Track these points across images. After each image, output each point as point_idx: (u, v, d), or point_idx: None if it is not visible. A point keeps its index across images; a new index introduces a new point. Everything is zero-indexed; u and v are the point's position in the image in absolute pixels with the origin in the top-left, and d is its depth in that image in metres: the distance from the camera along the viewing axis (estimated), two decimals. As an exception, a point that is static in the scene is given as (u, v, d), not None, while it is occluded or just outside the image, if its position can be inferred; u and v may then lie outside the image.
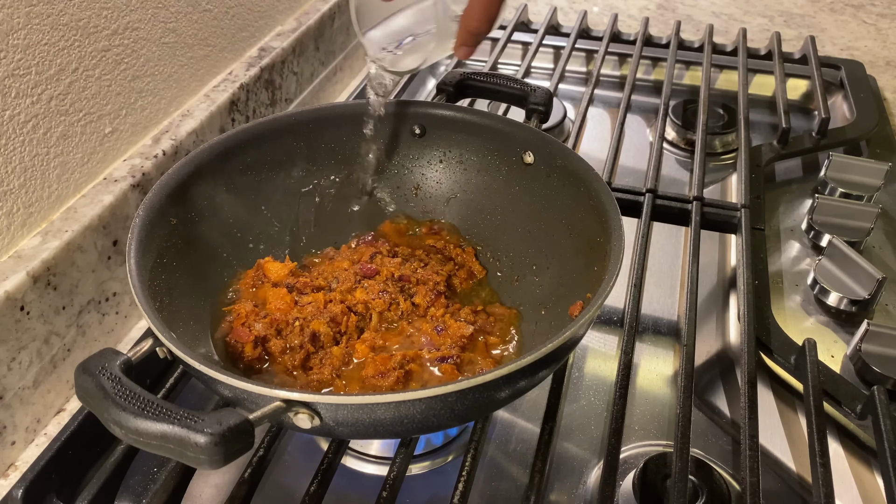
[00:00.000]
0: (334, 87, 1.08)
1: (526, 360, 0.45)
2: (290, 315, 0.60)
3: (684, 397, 0.58)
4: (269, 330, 0.58)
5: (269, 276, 0.63)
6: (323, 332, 0.59)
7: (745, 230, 0.77)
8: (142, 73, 0.72)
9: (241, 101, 0.85)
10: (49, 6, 0.60)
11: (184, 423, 0.40)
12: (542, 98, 0.73)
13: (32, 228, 0.62)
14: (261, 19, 0.91)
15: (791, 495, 0.59)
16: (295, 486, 0.59)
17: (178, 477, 0.52)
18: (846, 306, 0.72)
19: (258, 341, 0.57)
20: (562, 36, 1.18)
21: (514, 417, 0.64)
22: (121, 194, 0.67)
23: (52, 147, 0.63)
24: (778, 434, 0.63)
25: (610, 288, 0.50)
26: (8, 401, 0.58)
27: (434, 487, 0.59)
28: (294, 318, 0.59)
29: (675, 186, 0.92)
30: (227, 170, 0.64)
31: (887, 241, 0.81)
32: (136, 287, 0.50)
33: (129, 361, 0.45)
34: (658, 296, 0.77)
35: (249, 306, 0.60)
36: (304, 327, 0.59)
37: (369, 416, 0.45)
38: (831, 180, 0.85)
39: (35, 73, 0.60)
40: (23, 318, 0.58)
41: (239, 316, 0.59)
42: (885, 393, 0.59)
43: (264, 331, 0.58)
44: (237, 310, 0.60)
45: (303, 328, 0.59)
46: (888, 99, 1.07)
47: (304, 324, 0.59)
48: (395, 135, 0.71)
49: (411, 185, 0.72)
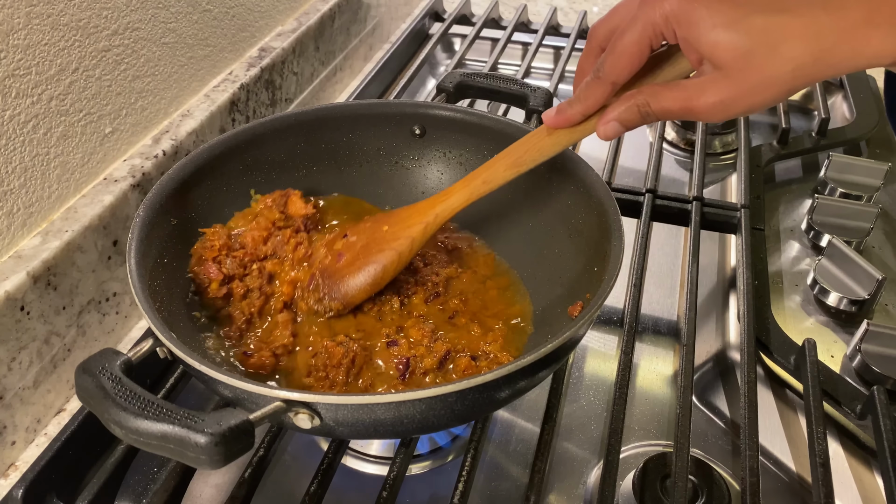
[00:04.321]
0: (334, 87, 1.08)
1: (526, 360, 0.45)
2: (258, 249, 0.62)
3: (684, 397, 0.58)
4: (237, 269, 0.60)
5: (289, 208, 0.65)
6: (278, 276, 0.61)
7: (744, 230, 0.77)
8: (142, 74, 0.72)
9: (242, 101, 0.85)
10: (49, 6, 0.60)
11: (184, 423, 0.40)
12: (542, 98, 0.73)
13: (33, 228, 0.62)
14: (261, 19, 0.91)
15: (791, 495, 0.59)
16: (295, 486, 0.59)
17: (178, 477, 0.52)
18: (846, 306, 0.72)
19: (226, 279, 0.60)
20: (562, 36, 1.18)
21: (514, 417, 0.64)
22: (121, 194, 0.67)
23: (52, 147, 0.63)
24: (778, 434, 0.63)
25: (610, 288, 0.50)
26: (8, 401, 0.58)
27: (434, 487, 0.59)
28: (254, 259, 0.61)
29: (674, 186, 0.92)
30: (227, 170, 0.64)
31: (887, 241, 0.81)
32: (136, 287, 0.50)
33: (129, 361, 0.45)
34: (658, 296, 0.77)
35: (224, 237, 0.61)
36: (262, 270, 0.61)
37: (369, 416, 0.45)
38: (831, 180, 0.85)
39: (35, 74, 0.60)
40: (23, 318, 0.58)
41: (212, 248, 0.60)
42: (884, 393, 0.59)
43: (233, 270, 0.60)
44: (211, 240, 0.61)
45: (261, 270, 0.61)
46: (888, 99, 1.07)
47: (261, 266, 0.61)
48: (395, 135, 0.71)
49: (411, 185, 0.72)
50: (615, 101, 0.49)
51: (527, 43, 1.18)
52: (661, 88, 0.47)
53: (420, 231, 0.59)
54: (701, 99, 0.45)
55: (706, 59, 0.44)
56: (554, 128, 0.54)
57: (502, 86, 0.75)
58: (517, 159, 0.57)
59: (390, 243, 0.60)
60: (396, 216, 0.62)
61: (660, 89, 0.47)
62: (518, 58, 1.18)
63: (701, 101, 0.45)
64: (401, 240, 0.60)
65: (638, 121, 0.49)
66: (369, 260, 0.60)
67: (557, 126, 0.54)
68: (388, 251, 0.59)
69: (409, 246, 0.59)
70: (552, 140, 0.55)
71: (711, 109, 0.45)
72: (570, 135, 0.54)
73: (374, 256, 0.60)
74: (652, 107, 0.47)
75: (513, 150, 0.58)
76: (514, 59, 1.18)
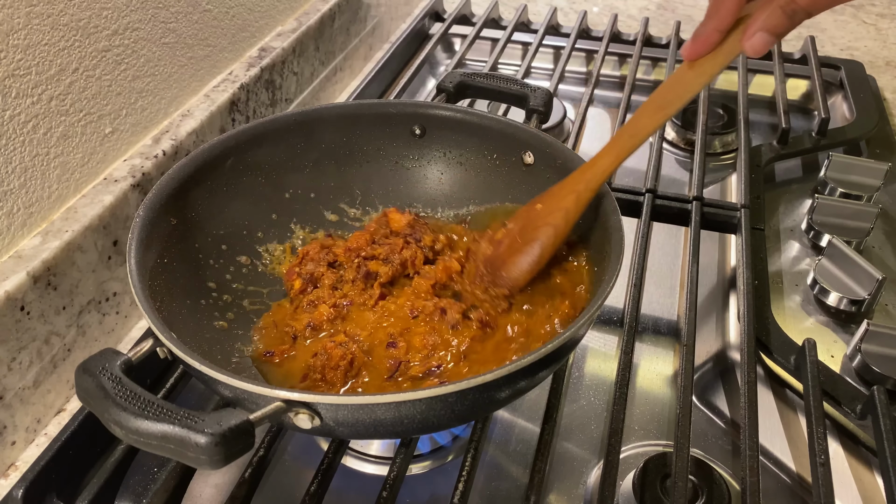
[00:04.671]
0: (334, 87, 1.08)
1: (526, 360, 0.45)
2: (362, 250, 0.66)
3: (684, 397, 0.58)
4: (320, 268, 0.64)
5: (391, 223, 0.67)
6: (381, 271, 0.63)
7: (744, 230, 0.77)
8: (142, 74, 0.72)
9: (241, 101, 0.85)
10: (49, 6, 0.60)
11: (184, 424, 0.40)
12: (542, 98, 0.73)
13: (33, 228, 0.62)
14: (261, 19, 0.91)
15: (791, 495, 0.59)
16: (295, 486, 0.59)
17: (178, 477, 0.52)
18: (846, 306, 0.72)
19: (307, 280, 0.64)
20: (562, 36, 1.18)
21: (514, 417, 0.64)
22: (121, 194, 0.67)
23: (52, 147, 0.63)
24: (778, 434, 0.63)
25: (610, 288, 0.50)
26: (8, 401, 0.58)
27: (434, 487, 0.59)
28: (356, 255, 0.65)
29: (674, 186, 0.92)
30: (227, 170, 0.64)
31: (887, 241, 0.81)
32: (136, 287, 0.50)
33: (129, 361, 0.45)
34: (658, 296, 0.77)
35: (317, 247, 0.66)
36: (361, 265, 0.64)
37: (369, 416, 0.45)
38: (831, 180, 0.85)
39: (35, 74, 0.60)
40: (23, 318, 0.58)
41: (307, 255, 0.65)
42: (884, 393, 0.59)
43: (315, 268, 0.64)
44: (305, 250, 0.66)
45: (359, 266, 0.64)
46: (888, 99, 1.07)
47: (362, 262, 0.64)
48: (395, 135, 0.71)
49: (411, 185, 0.72)
50: (756, 12, 0.45)
51: (527, 43, 1.18)
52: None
53: (573, 201, 0.58)
54: None
55: None
56: (694, 58, 0.50)
57: (502, 86, 0.75)
58: (662, 102, 0.54)
59: (545, 219, 0.59)
60: (549, 193, 0.61)
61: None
62: (518, 58, 1.18)
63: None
64: (554, 213, 0.59)
65: (786, 24, 0.44)
66: (527, 240, 0.60)
67: (696, 54, 0.49)
68: (544, 227, 0.59)
69: (563, 218, 0.59)
70: (696, 72, 0.51)
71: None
72: (713, 61, 0.50)
73: (531, 234, 0.60)
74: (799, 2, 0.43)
75: (656, 95, 0.55)
76: (514, 59, 1.18)
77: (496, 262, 0.61)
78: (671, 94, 0.54)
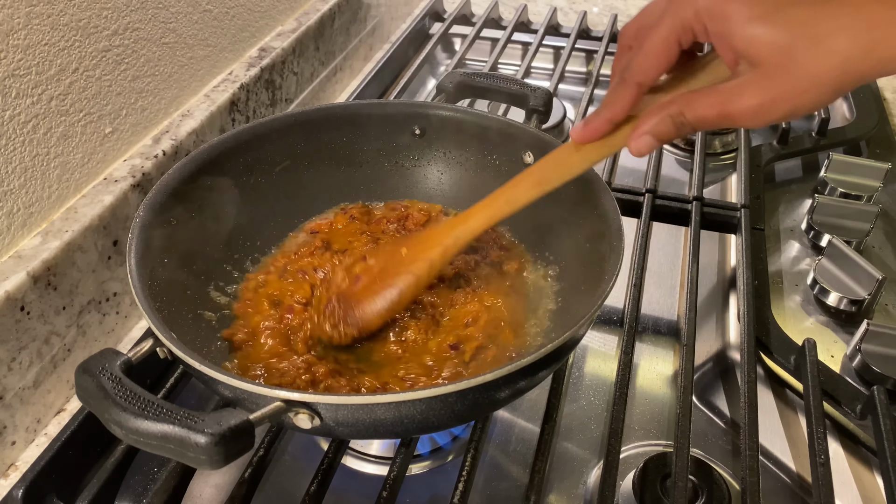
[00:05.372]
0: (334, 87, 1.08)
1: (526, 360, 0.45)
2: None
3: (684, 397, 0.58)
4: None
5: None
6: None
7: (744, 230, 0.77)
8: (142, 74, 0.72)
9: (242, 101, 0.85)
10: (49, 6, 0.60)
11: (184, 424, 0.40)
12: (542, 98, 0.73)
13: (33, 228, 0.62)
14: (261, 19, 0.91)
15: (791, 495, 0.59)
16: (295, 486, 0.59)
17: (178, 477, 0.52)
18: (846, 306, 0.72)
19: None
20: (562, 36, 1.18)
21: (514, 417, 0.64)
22: (121, 194, 0.67)
23: (52, 147, 0.63)
24: (778, 434, 0.63)
25: (610, 288, 0.50)
26: (8, 401, 0.58)
27: (434, 487, 0.59)
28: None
29: (674, 186, 0.92)
30: (227, 170, 0.64)
31: (887, 241, 0.81)
32: (136, 287, 0.50)
33: (129, 362, 0.45)
34: (658, 296, 0.77)
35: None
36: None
37: (369, 416, 0.45)
38: (831, 180, 0.85)
39: (35, 74, 0.60)
40: (23, 318, 0.58)
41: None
42: (885, 393, 0.59)
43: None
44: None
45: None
46: (888, 99, 1.07)
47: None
48: (395, 135, 0.71)
49: (411, 186, 0.72)
50: (647, 114, 0.45)
51: (527, 43, 1.18)
52: (695, 95, 0.43)
53: (439, 254, 0.58)
54: (739, 102, 0.40)
55: (742, 57, 0.40)
56: (582, 142, 0.50)
57: (502, 86, 0.75)
58: (542, 178, 0.54)
59: (408, 266, 0.58)
60: (415, 238, 0.61)
61: (694, 96, 0.43)
62: (518, 58, 1.18)
63: (739, 104, 0.40)
64: (419, 262, 0.58)
65: (673, 132, 0.44)
66: (386, 283, 0.58)
67: (585, 139, 0.49)
68: (406, 274, 0.58)
69: (427, 269, 0.58)
70: (580, 156, 0.51)
71: (751, 114, 0.40)
72: (599, 149, 0.50)
73: (391, 279, 0.58)
74: (687, 116, 0.43)
75: (537, 167, 0.54)
76: (514, 59, 1.18)
77: (350, 299, 0.58)
78: (553, 173, 0.53)
